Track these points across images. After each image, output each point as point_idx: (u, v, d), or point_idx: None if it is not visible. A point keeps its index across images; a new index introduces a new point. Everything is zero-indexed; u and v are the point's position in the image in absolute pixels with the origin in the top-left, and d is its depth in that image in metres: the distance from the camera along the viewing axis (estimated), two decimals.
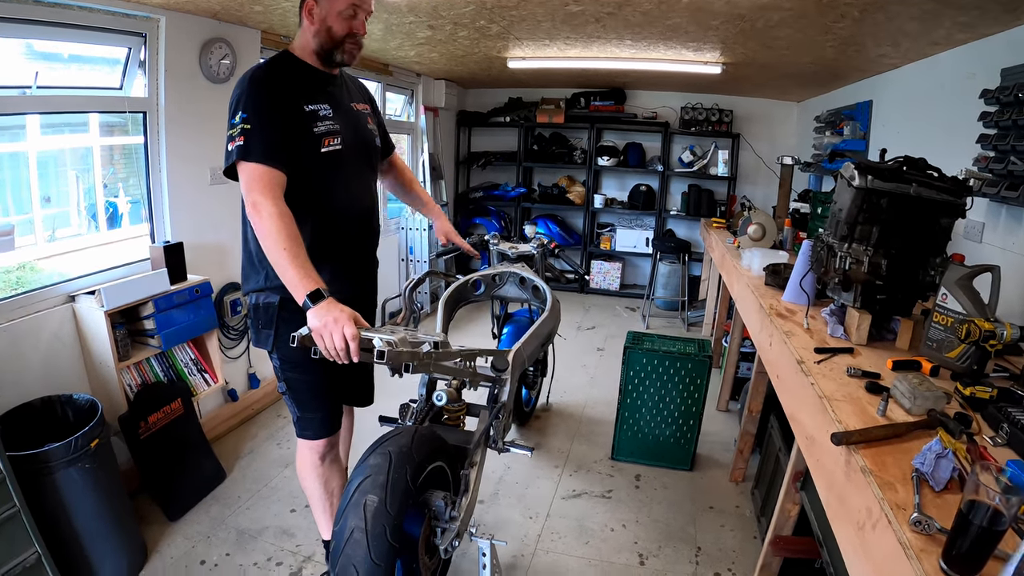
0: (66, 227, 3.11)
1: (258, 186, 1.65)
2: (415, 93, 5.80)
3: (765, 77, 4.87)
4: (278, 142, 1.71)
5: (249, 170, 1.67)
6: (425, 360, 1.61)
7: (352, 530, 1.58)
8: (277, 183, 1.69)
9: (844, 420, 1.35)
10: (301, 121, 1.79)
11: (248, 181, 1.67)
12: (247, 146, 1.67)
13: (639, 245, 6.53)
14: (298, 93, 1.80)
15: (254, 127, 1.68)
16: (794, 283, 2.33)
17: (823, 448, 1.41)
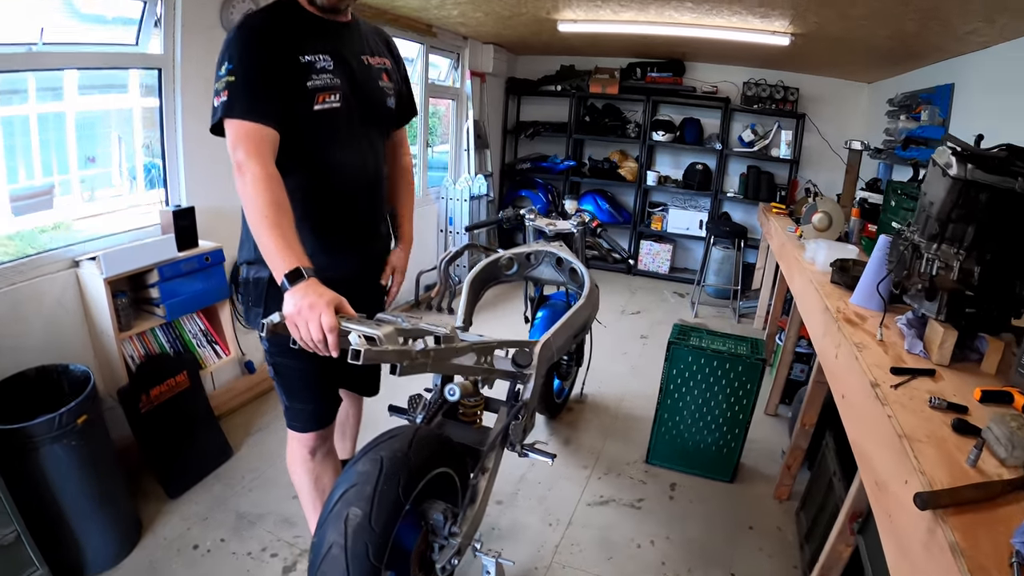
0: (107, 187, 3.03)
1: (243, 145, 1.42)
2: (461, 57, 5.54)
3: (836, 53, 4.45)
4: (267, 96, 1.47)
5: (234, 127, 1.44)
6: (420, 359, 1.35)
7: (331, 546, 1.37)
8: (266, 142, 1.45)
9: (929, 471, 1.07)
10: (294, 73, 1.53)
11: (233, 139, 1.44)
12: (231, 101, 1.44)
13: (692, 227, 6.17)
14: (294, 42, 1.55)
15: (239, 79, 1.45)
16: (866, 285, 2.03)
17: (898, 501, 1.14)
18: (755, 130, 5.83)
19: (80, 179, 2.88)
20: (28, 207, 2.68)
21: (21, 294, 2.32)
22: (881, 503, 1.26)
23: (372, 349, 1.19)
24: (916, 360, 1.61)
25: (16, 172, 2.66)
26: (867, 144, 4.07)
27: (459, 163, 5.83)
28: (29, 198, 2.71)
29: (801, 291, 2.69)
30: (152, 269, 2.58)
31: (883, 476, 1.27)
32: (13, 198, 2.58)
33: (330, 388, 1.83)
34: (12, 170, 2.63)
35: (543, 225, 2.72)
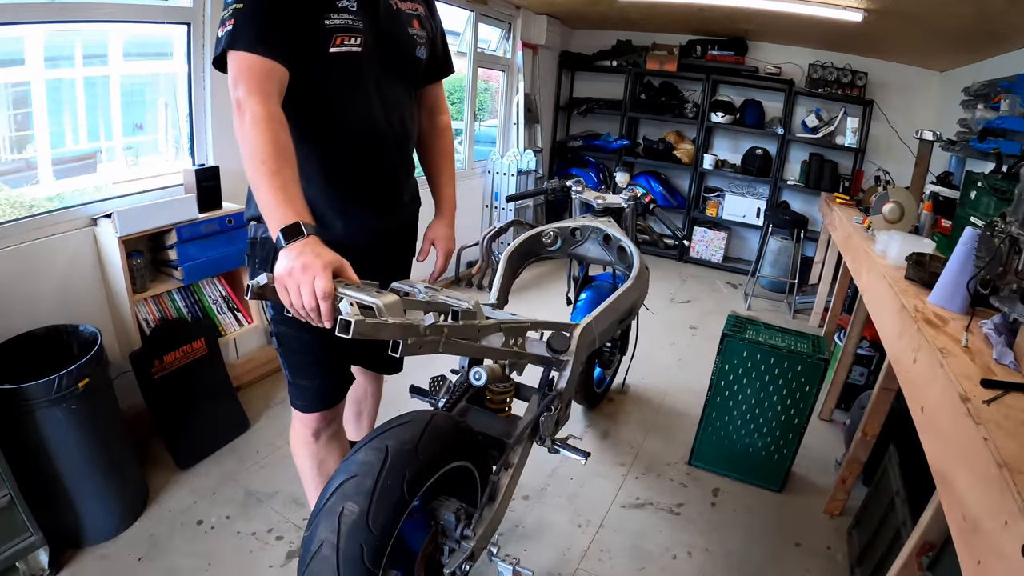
0: (153, 154, 2.97)
1: (245, 80, 1.22)
2: (513, 27, 5.31)
3: (909, 35, 4.10)
4: (277, 27, 1.26)
5: (237, 60, 1.24)
6: (429, 337, 1.14)
7: (321, 544, 1.19)
8: (272, 79, 1.25)
9: None
10: (310, 8, 1.32)
11: (235, 74, 1.24)
12: (236, 31, 1.23)
13: (749, 215, 5.83)
14: None
15: (247, 7, 1.24)
16: (949, 282, 1.79)
17: (993, 546, 0.92)
18: (819, 115, 5.45)
19: (126, 146, 2.84)
20: (72, 171, 2.64)
21: (35, 251, 2.22)
22: (969, 543, 1.04)
23: (366, 321, 0.98)
24: (1007, 372, 1.37)
25: (63, 137, 2.62)
26: (939, 135, 3.73)
27: (507, 137, 5.63)
28: (73, 161, 2.67)
29: (871, 286, 2.42)
30: (171, 230, 2.44)
31: (974, 511, 1.04)
32: (56, 161, 2.54)
33: (339, 364, 1.64)
34: (59, 135, 2.58)
35: (591, 198, 2.48)
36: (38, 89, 2.41)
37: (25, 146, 2.48)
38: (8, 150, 2.45)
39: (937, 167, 4.15)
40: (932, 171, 3.91)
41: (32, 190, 2.44)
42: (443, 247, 1.83)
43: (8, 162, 2.44)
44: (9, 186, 2.37)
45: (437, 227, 1.84)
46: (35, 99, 2.42)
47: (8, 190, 2.36)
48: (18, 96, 2.41)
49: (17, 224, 2.20)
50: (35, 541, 1.83)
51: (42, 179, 2.49)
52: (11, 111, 2.43)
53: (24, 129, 2.47)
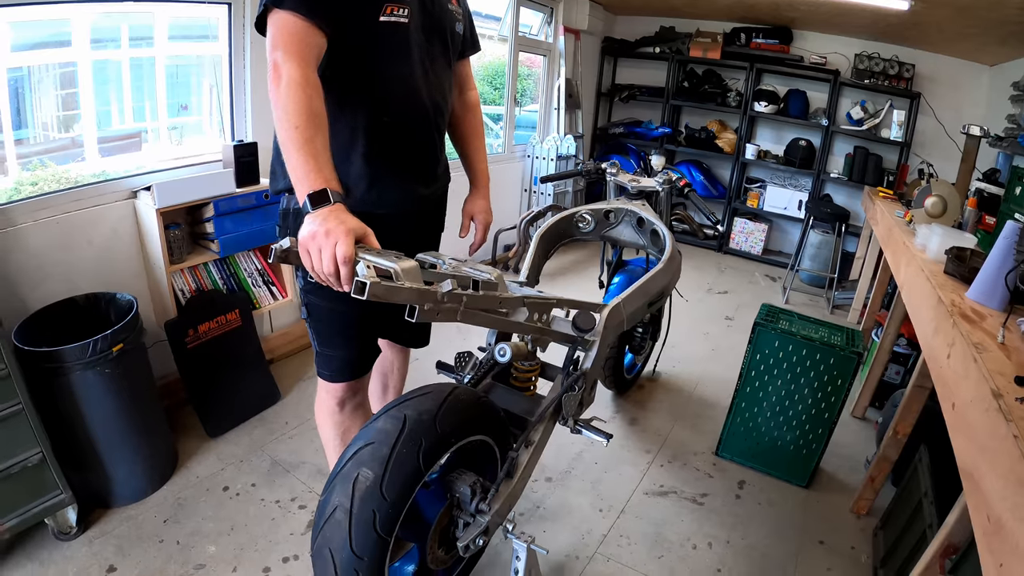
0: (198, 135, 3.02)
1: (284, 42, 1.22)
2: (555, 12, 5.25)
3: (959, 24, 3.93)
4: None
5: (278, 21, 1.23)
6: (447, 305, 1.13)
7: (335, 508, 1.21)
8: (309, 43, 1.25)
9: None
10: None
11: (273, 36, 1.24)
12: None
13: (790, 208, 5.69)
14: None
15: None
16: (988, 277, 1.72)
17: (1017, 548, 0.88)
18: (865, 107, 5.28)
19: (171, 126, 2.89)
20: (117, 149, 2.70)
21: (77, 221, 2.28)
22: (992, 546, 1.00)
23: (382, 283, 0.98)
24: None
25: (110, 117, 2.68)
26: (987, 130, 3.58)
27: (548, 122, 5.60)
28: (118, 140, 2.73)
29: (909, 281, 2.35)
30: (208, 203, 2.48)
31: (999, 511, 1.00)
32: (102, 140, 2.60)
33: (367, 336, 1.66)
34: (106, 115, 2.65)
35: (625, 181, 2.45)
36: (84, 69, 2.47)
37: (72, 125, 2.55)
38: (56, 129, 2.52)
39: (985, 164, 4.01)
40: (979, 168, 3.76)
41: (78, 167, 2.51)
42: (481, 220, 1.87)
43: (55, 140, 2.51)
44: (56, 163, 2.44)
45: (474, 201, 1.87)
46: (81, 79, 2.47)
47: (55, 166, 2.44)
48: (66, 77, 2.47)
49: (61, 195, 2.26)
50: (64, 499, 1.89)
51: (88, 156, 2.56)
52: (60, 91, 2.49)
53: (72, 109, 2.53)
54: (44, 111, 2.47)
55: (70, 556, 1.88)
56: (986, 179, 3.59)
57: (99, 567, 1.85)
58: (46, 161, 2.45)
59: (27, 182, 2.33)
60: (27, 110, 2.42)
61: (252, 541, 1.99)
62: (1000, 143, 3.75)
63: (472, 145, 1.86)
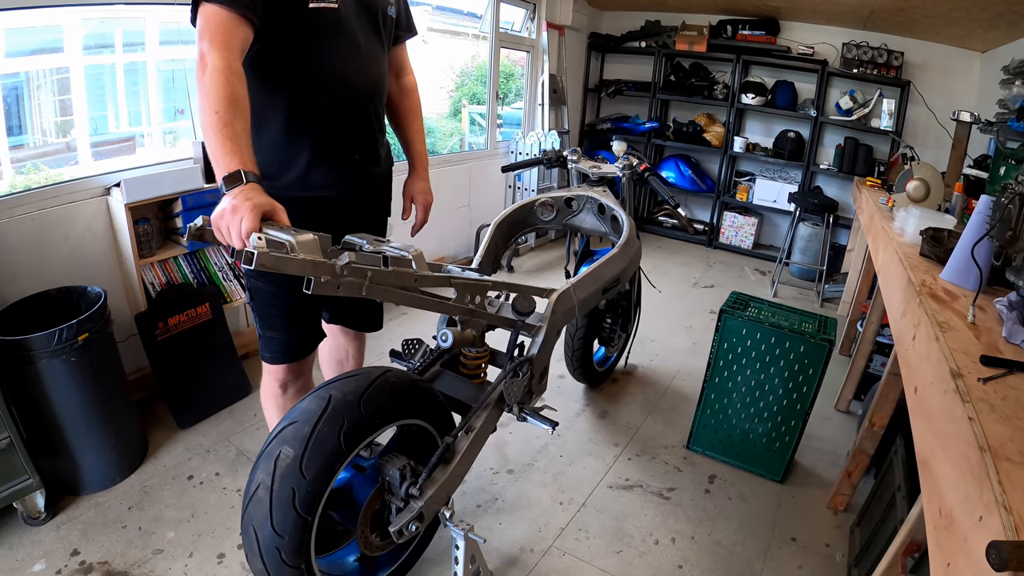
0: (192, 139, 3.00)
1: (209, 32, 1.26)
2: (538, 8, 5.25)
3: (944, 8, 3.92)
4: None
5: (206, 13, 1.27)
6: (346, 278, 1.13)
7: (258, 485, 1.21)
8: (236, 35, 1.28)
9: (1016, 506, 0.74)
10: None
11: (201, 26, 1.27)
12: None
13: (780, 200, 5.65)
14: None
15: None
16: (961, 254, 1.65)
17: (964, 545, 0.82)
18: (854, 97, 5.21)
19: (167, 130, 2.95)
20: (110, 152, 2.75)
21: (52, 218, 2.33)
22: (941, 542, 0.92)
23: (271, 254, 0.99)
24: (1016, 352, 1.25)
25: (105, 121, 2.74)
26: (977, 116, 3.53)
27: (532, 118, 5.59)
28: (112, 143, 2.79)
29: (885, 265, 2.30)
30: (176, 198, 2.52)
31: (950, 503, 0.93)
32: (96, 144, 2.66)
33: (307, 320, 1.67)
34: (102, 119, 2.72)
35: (586, 167, 2.44)
36: (77, 74, 2.53)
37: (69, 130, 2.61)
38: (53, 134, 2.59)
39: (977, 151, 3.96)
40: (970, 155, 3.71)
41: (70, 170, 2.56)
42: (421, 201, 1.90)
43: (51, 144, 2.57)
44: (49, 167, 2.50)
45: (413, 183, 1.89)
46: (74, 84, 2.53)
47: (48, 170, 2.49)
48: (62, 83, 2.53)
49: (36, 192, 2.31)
50: (32, 484, 1.93)
51: (81, 160, 2.61)
52: (56, 96, 2.56)
53: (68, 114, 2.59)
54: (41, 116, 2.54)
55: (37, 540, 1.92)
56: (976, 165, 3.54)
57: (64, 551, 1.89)
58: (40, 165, 2.51)
59: (20, 186, 2.39)
60: (24, 115, 2.48)
61: (210, 528, 2.01)
62: (990, 128, 3.69)
63: (410, 127, 1.89)
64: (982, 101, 4.49)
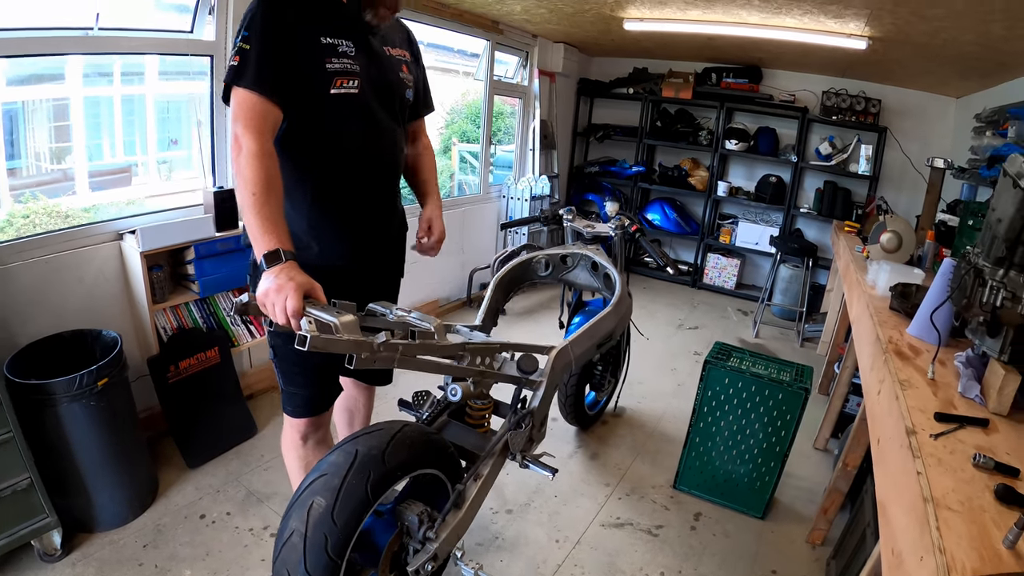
0: (186, 170, 3.16)
1: (243, 117, 1.40)
2: (530, 56, 5.46)
3: (918, 61, 4.14)
4: (276, 70, 1.44)
5: (239, 97, 1.42)
6: (383, 353, 1.28)
7: (292, 532, 1.34)
8: (267, 118, 1.42)
9: (951, 548, 0.89)
10: (313, 54, 1.50)
11: (234, 110, 1.42)
12: (240, 68, 1.41)
13: (762, 242, 5.87)
14: (317, 22, 1.52)
15: (252, 48, 1.41)
16: (925, 314, 1.82)
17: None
18: (833, 143, 5.48)
19: (161, 160, 3.02)
20: (107, 183, 2.83)
21: (66, 261, 2.43)
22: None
23: (321, 336, 1.13)
24: (970, 406, 1.41)
25: (101, 150, 2.81)
26: (951, 163, 3.76)
27: (524, 163, 5.78)
28: (108, 174, 2.86)
29: (858, 316, 2.48)
30: (189, 246, 2.64)
31: (901, 545, 1.08)
32: (93, 174, 2.73)
33: (328, 375, 1.79)
34: (97, 148, 2.78)
35: (581, 227, 2.61)
36: (76, 105, 2.61)
37: (64, 157, 2.67)
38: (48, 160, 2.64)
39: (952, 195, 4.15)
40: (944, 199, 3.91)
41: (68, 200, 2.64)
42: (437, 227, 1.96)
43: (47, 172, 2.63)
44: (47, 196, 2.56)
45: (429, 210, 1.97)
46: (74, 114, 2.61)
47: (46, 200, 2.56)
48: (59, 109, 2.60)
49: (52, 235, 2.41)
50: (50, 523, 2.02)
51: (79, 190, 2.69)
52: (52, 123, 2.62)
53: (64, 141, 2.66)
54: (36, 142, 2.58)
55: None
56: (950, 210, 3.72)
57: None
58: (38, 194, 2.57)
59: (19, 215, 2.46)
60: (20, 141, 2.52)
61: (225, 566, 2.10)
62: (963, 174, 3.89)
63: (426, 178, 2.00)
64: (956, 146, 4.73)
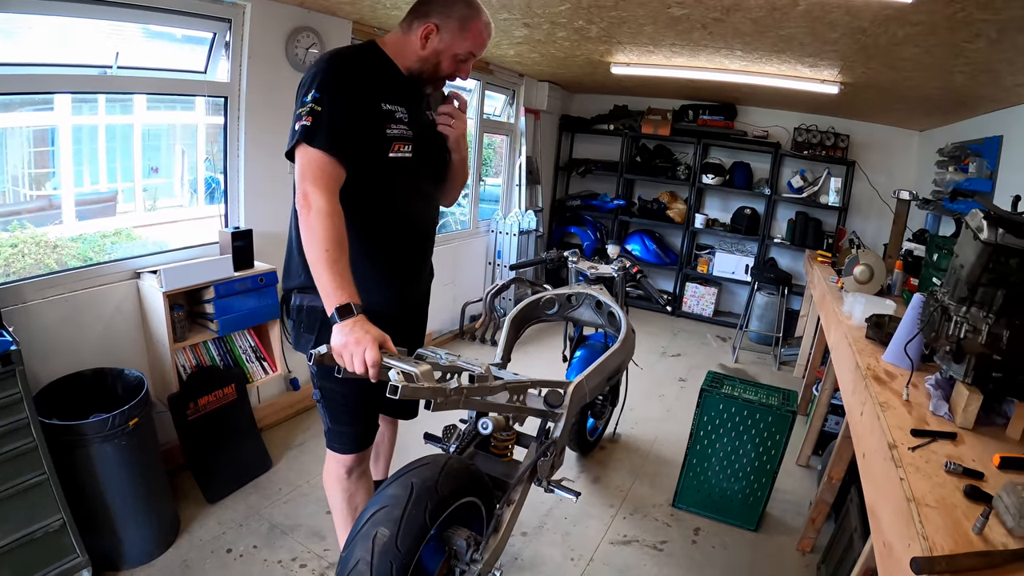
0: (170, 197, 3.20)
1: (313, 175, 1.51)
2: (517, 94, 5.68)
3: (886, 101, 4.45)
4: (346, 133, 1.56)
5: (308, 156, 1.53)
6: (453, 397, 1.43)
7: (358, 562, 1.45)
8: (334, 177, 1.54)
9: (932, 536, 1.09)
10: (375, 119, 1.64)
11: (303, 168, 1.53)
12: (312, 128, 1.52)
13: (738, 272, 6.14)
14: (378, 89, 1.66)
15: (324, 110, 1.53)
16: (898, 344, 2.03)
17: (900, 565, 1.15)
18: (804, 176, 5.80)
19: (143, 188, 3.04)
20: (92, 212, 2.85)
21: (82, 300, 2.49)
22: (886, 566, 1.27)
23: (409, 386, 1.28)
24: (940, 422, 1.60)
25: (82, 177, 2.82)
26: (915, 194, 4.03)
27: (510, 198, 5.97)
28: (93, 203, 2.89)
29: (836, 344, 2.68)
30: (209, 286, 2.73)
31: (890, 538, 1.27)
32: (78, 203, 2.76)
33: (371, 413, 1.92)
34: (79, 174, 2.79)
35: (585, 268, 2.80)
36: (64, 134, 2.64)
37: (44, 183, 2.68)
38: (28, 186, 2.65)
39: (917, 223, 4.42)
40: (910, 227, 4.17)
41: (56, 229, 2.65)
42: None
43: (30, 199, 2.64)
44: (34, 224, 2.58)
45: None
46: (62, 143, 2.63)
47: (33, 228, 2.57)
48: (38, 134, 2.61)
49: (68, 274, 2.47)
50: (80, 562, 2.07)
51: (65, 219, 2.71)
52: (31, 148, 2.62)
53: (44, 167, 2.66)
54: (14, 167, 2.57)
55: None
56: (916, 239, 3.97)
57: None
58: (25, 223, 2.57)
59: (6, 243, 2.46)
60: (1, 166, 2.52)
61: None
62: (927, 206, 4.16)
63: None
64: (921, 177, 5.03)
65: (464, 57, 1.73)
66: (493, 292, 2.91)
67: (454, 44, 1.69)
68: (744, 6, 2.51)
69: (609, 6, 2.78)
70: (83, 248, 2.74)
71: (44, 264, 2.54)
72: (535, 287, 2.73)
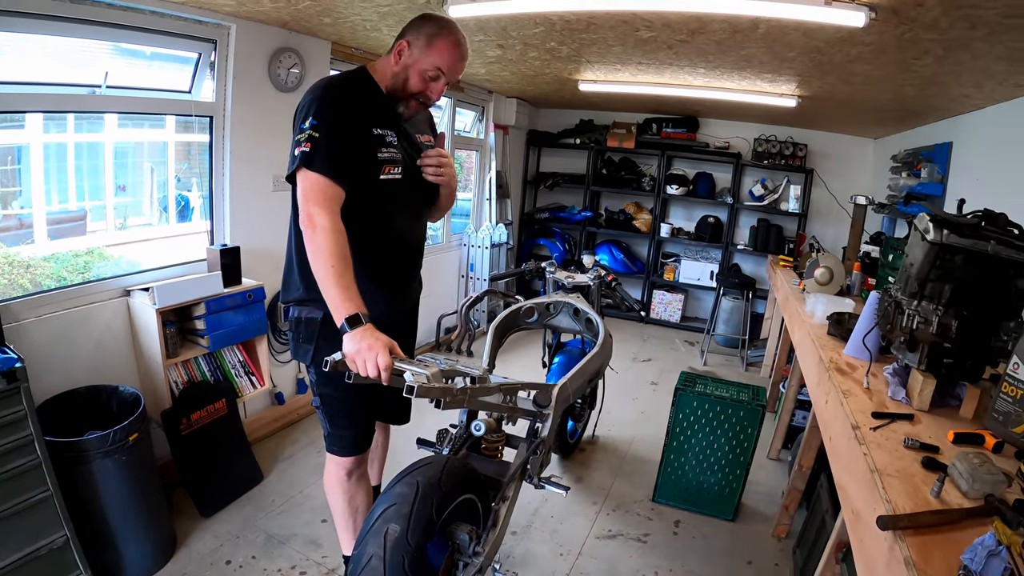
0: (138, 216, 3.22)
1: (316, 197, 1.62)
2: (486, 110, 5.81)
3: (842, 112, 4.70)
4: (343, 157, 1.68)
5: (310, 180, 1.64)
6: (459, 396, 1.55)
7: (371, 557, 1.54)
8: (335, 197, 1.66)
9: (894, 499, 1.23)
10: (367, 143, 1.76)
11: (306, 191, 1.64)
12: (311, 154, 1.63)
13: (703, 278, 6.36)
14: (369, 114, 1.78)
15: (322, 136, 1.65)
16: (857, 338, 2.19)
17: (867, 527, 1.29)
18: (765, 184, 6.04)
19: (112, 207, 3.07)
20: (62, 231, 2.86)
21: (73, 318, 2.53)
22: (856, 531, 1.42)
23: (424, 385, 1.39)
24: (898, 406, 1.75)
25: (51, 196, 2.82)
26: (871, 199, 4.24)
27: (481, 211, 6.08)
28: (63, 222, 2.90)
29: (800, 342, 2.85)
30: (200, 303, 2.79)
31: (858, 506, 1.42)
32: (49, 221, 2.76)
33: (369, 417, 2.03)
34: (47, 193, 2.79)
35: (562, 278, 2.93)
36: (36, 152, 2.62)
37: (11, 202, 2.67)
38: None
39: (874, 227, 4.65)
40: (867, 231, 4.39)
41: (28, 249, 2.66)
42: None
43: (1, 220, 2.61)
44: (5, 244, 2.57)
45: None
46: (33, 161, 2.62)
47: (5, 248, 2.57)
48: (4, 152, 2.56)
49: (58, 293, 2.51)
50: None
51: (37, 239, 2.71)
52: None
53: (12, 185, 2.65)
54: None
55: None
56: (873, 241, 4.17)
57: None
58: None
59: None
60: None
61: None
62: (883, 210, 4.36)
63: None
64: (876, 182, 5.28)
65: (433, 74, 1.79)
66: (468, 304, 3.02)
67: (421, 59, 1.78)
68: (708, 29, 2.68)
69: (580, 28, 2.93)
70: (56, 268, 2.74)
71: (18, 285, 2.55)
72: (508, 298, 2.85)
